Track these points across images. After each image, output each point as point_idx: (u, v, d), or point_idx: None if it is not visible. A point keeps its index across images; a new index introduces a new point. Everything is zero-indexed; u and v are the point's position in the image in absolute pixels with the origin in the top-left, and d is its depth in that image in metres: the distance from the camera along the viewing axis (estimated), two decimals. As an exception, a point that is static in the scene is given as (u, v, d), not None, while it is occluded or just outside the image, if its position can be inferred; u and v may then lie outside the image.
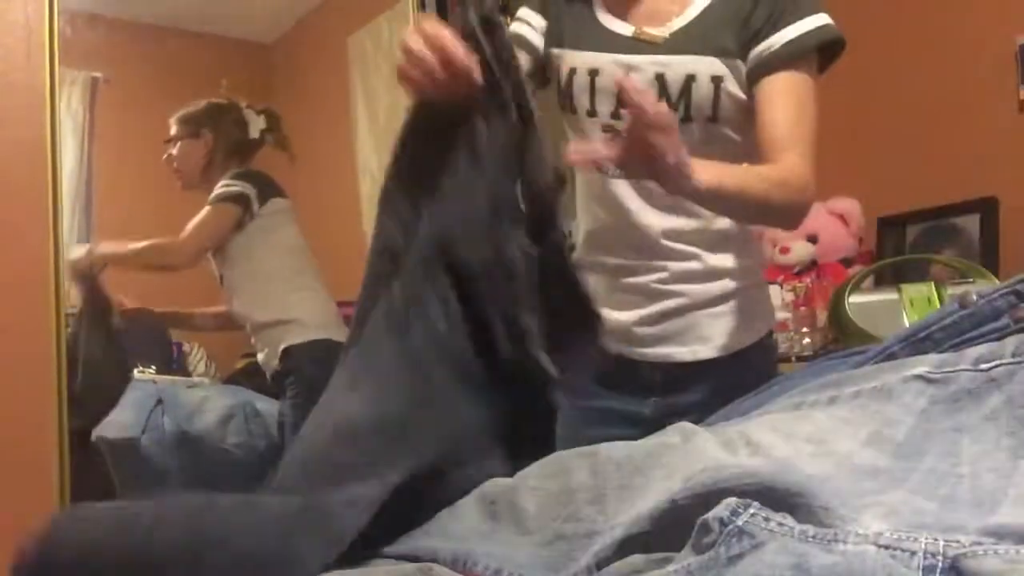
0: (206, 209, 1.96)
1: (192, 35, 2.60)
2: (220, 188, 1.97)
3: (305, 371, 1.89)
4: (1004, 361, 0.52)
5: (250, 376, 2.33)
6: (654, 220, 1.10)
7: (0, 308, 1.52)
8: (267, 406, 2.15)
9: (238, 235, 1.97)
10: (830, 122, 2.71)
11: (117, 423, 2.01)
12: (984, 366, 0.52)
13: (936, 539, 0.37)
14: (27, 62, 1.56)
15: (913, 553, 0.37)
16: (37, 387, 1.54)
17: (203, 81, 2.40)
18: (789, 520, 0.40)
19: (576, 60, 1.11)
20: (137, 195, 2.39)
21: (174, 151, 2.11)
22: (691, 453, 0.54)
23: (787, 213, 1.06)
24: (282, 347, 1.93)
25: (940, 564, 0.36)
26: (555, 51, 1.15)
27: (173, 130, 2.12)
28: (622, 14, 1.11)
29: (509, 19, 1.22)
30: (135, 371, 2.19)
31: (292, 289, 1.95)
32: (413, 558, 0.51)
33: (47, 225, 1.56)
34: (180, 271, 1.98)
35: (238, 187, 1.96)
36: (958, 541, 0.37)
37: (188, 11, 2.59)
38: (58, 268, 1.58)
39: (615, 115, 1.09)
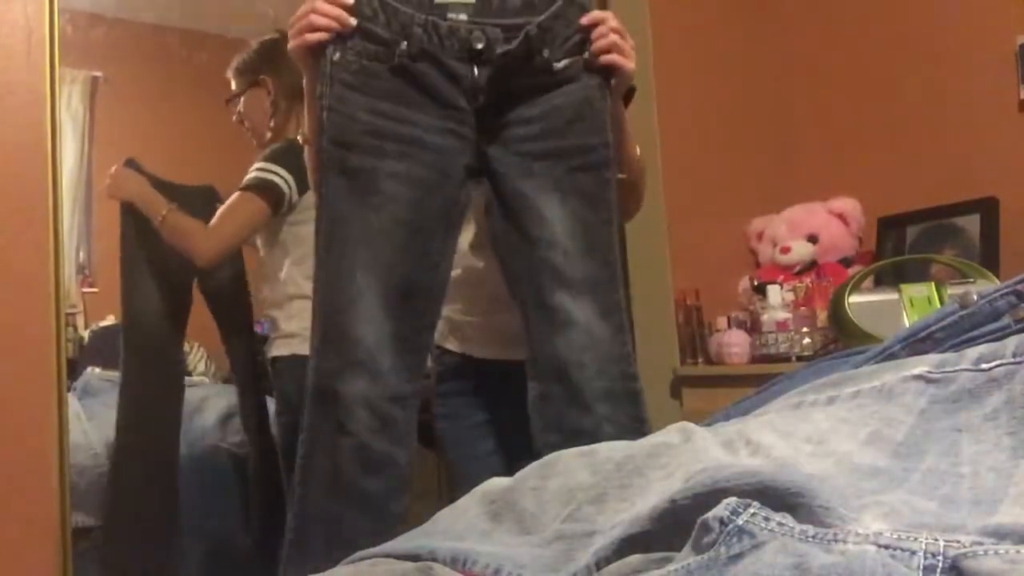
0: (235, 197, 1.82)
1: (192, 35, 2.60)
2: (256, 171, 1.83)
3: (284, 386, 1.86)
4: (1004, 361, 0.52)
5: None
6: None
7: (0, 308, 1.52)
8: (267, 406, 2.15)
9: (276, 218, 1.86)
10: (830, 122, 2.74)
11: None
12: (984, 366, 0.52)
13: (936, 539, 0.37)
14: (27, 62, 1.56)
15: (913, 553, 0.37)
16: (37, 386, 1.54)
17: (203, 81, 2.40)
18: (789, 520, 0.40)
19: None
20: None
21: (240, 107, 1.98)
22: (691, 453, 0.54)
23: (635, 197, 1.37)
24: (270, 356, 1.91)
25: (940, 564, 0.36)
26: None
27: (233, 85, 1.99)
28: None
29: None
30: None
31: (298, 295, 1.86)
32: (413, 557, 0.51)
33: (47, 225, 1.56)
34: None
35: (274, 178, 1.81)
36: (958, 541, 0.37)
37: (188, 11, 2.59)
38: (58, 268, 1.58)
39: None
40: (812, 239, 2.36)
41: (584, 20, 1.16)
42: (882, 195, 2.39)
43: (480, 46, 1.12)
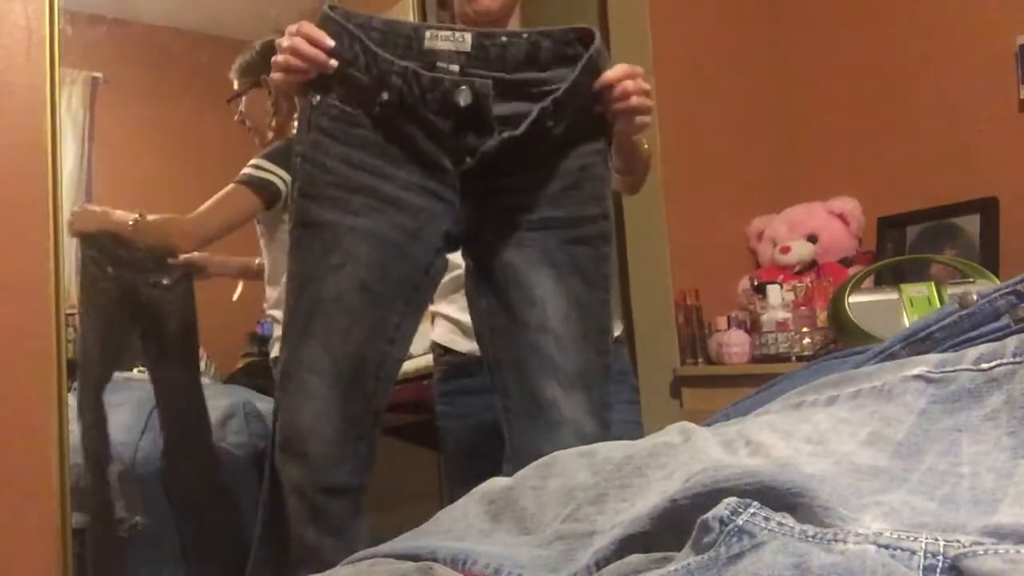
0: (228, 188, 1.80)
1: (192, 35, 2.60)
2: (252, 167, 1.81)
3: None
4: (1004, 361, 0.52)
5: (250, 376, 2.33)
6: None
7: (0, 308, 1.52)
8: (267, 406, 2.14)
9: (274, 214, 1.84)
10: (830, 122, 2.74)
11: (117, 423, 2.01)
12: (984, 366, 0.52)
13: (936, 539, 0.37)
14: (27, 62, 1.56)
15: (913, 553, 0.37)
16: (37, 387, 1.54)
17: (203, 81, 2.40)
18: (789, 520, 0.40)
19: None
20: (137, 195, 2.39)
21: (242, 107, 1.98)
22: (691, 453, 0.54)
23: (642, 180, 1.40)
24: (272, 356, 1.91)
25: (940, 564, 0.36)
26: None
27: (235, 84, 1.99)
28: None
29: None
30: (135, 371, 2.19)
31: None
32: (413, 557, 0.51)
33: (47, 225, 1.56)
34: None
35: (269, 175, 1.79)
36: (958, 541, 0.37)
37: (188, 11, 2.59)
38: (58, 268, 1.58)
39: None
40: (812, 239, 2.36)
41: (609, 78, 1.04)
42: (882, 195, 2.38)
43: (464, 103, 0.99)
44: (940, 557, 0.36)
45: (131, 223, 1.83)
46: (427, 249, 1.04)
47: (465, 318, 1.44)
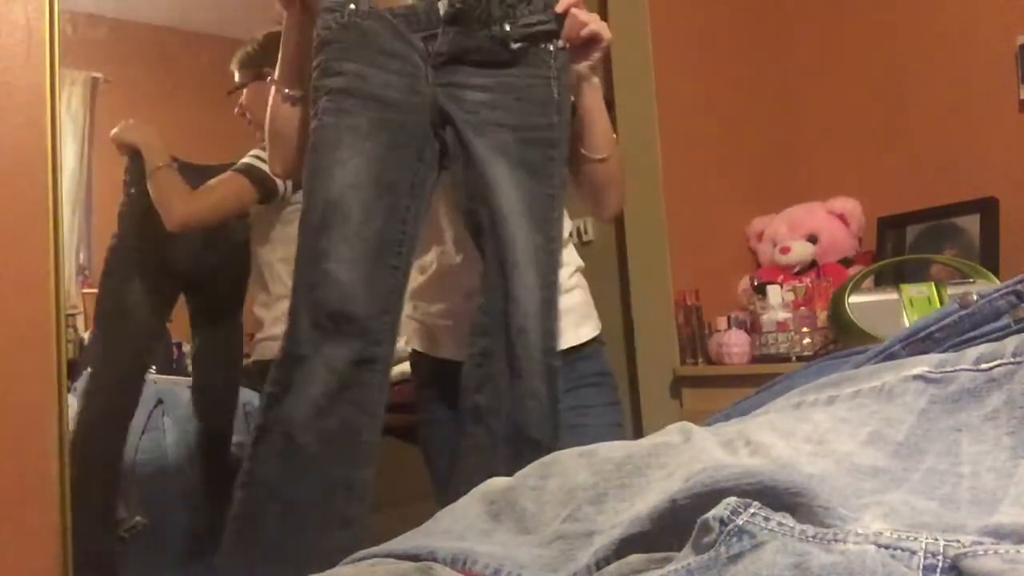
0: (224, 175, 1.81)
1: (192, 35, 2.60)
2: (253, 157, 1.81)
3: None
4: (1004, 361, 0.52)
5: (250, 376, 2.32)
6: None
7: (0, 308, 1.52)
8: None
9: (269, 213, 1.84)
10: (831, 122, 2.74)
11: (117, 423, 2.02)
12: (984, 366, 0.52)
13: (936, 539, 0.37)
14: (27, 62, 1.56)
15: (913, 553, 0.37)
16: (37, 387, 1.54)
17: (203, 81, 2.40)
18: (789, 520, 0.40)
19: None
20: (137, 195, 2.38)
21: (243, 100, 1.96)
22: (691, 453, 0.54)
23: (616, 187, 1.37)
24: (251, 360, 1.90)
25: (940, 564, 0.36)
26: None
27: (236, 77, 1.98)
28: None
29: None
30: (135, 371, 2.19)
31: (285, 295, 1.86)
32: (413, 557, 0.51)
33: (47, 225, 1.56)
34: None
35: (267, 167, 1.78)
36: (958, 541, 0.37)
37: (188, 11, 2.60)
38: (58, 268, 1.57)
39: None
40: (812, 239, 2.36)
41: (559, 7, 1.21)
42: (882, 195, 2.39)
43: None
44: (940, 557, 0.36)
45: (160, 165, 1.82)
46: (419, 137, 1.15)
47: (435, 323, 1.42)
